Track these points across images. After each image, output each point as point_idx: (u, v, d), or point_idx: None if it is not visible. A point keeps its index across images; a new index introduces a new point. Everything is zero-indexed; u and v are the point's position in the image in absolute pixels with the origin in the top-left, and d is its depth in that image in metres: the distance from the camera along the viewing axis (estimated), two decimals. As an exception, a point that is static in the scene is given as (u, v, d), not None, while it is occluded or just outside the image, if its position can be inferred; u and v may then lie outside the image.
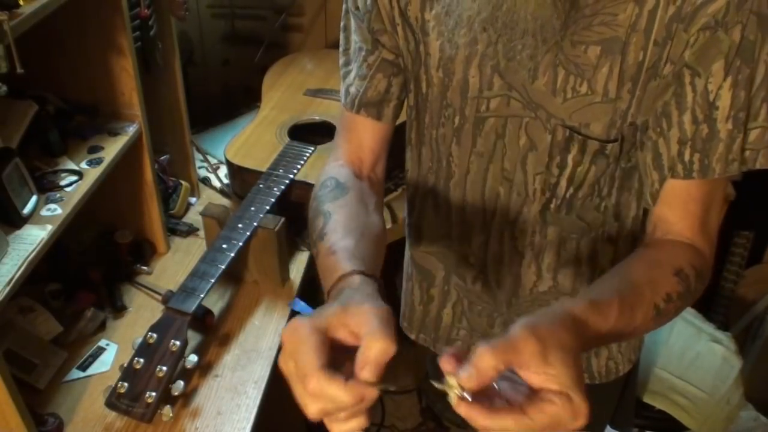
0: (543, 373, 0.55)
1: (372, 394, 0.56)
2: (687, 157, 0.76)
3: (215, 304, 1.27)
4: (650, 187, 0.81)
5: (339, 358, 0.58)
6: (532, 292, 0.99)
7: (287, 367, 0.57)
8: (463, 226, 0.97)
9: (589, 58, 0.75)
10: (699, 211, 0.80)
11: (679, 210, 0.80)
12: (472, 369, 0.55)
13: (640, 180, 0.87)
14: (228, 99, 2.01)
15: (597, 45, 0.75)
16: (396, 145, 1.57)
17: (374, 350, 0.56)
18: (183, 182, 1.48)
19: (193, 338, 1.19)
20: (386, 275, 1.84)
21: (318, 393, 0.55)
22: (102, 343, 1.20)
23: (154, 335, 1.04)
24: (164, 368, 1.00)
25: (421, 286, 1.11)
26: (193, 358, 1.06)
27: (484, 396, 0.58)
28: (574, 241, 0.93)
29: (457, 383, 0.56)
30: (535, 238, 0.93)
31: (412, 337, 1.18)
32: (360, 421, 0.58)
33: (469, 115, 0.86)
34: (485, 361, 0.55)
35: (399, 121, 1.58)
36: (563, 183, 0.87)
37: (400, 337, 0.94)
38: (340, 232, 0.76)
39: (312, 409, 0.56)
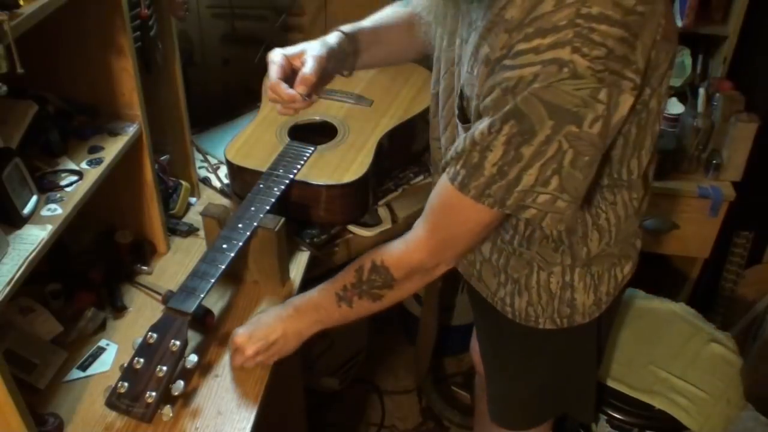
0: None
1: (299, 100, 1.04)
2: (456, 168, 0.89)
3: (215, 304, 1.27)
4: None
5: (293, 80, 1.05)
6: None
7: (267, 81, 1.06)
8: (440, 127, 1.12)
9: (481, 53, 0.87)
10: (442, 212, 0.96)
11: (431, 202, 0.97)
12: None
13: None
14: (228, 99, 2.01)
15: (487, 47, 0.85)
16: (396, 147, 1.57)
17: (305, 74, 1.04)
18: (183, 182, 1.48)
19: (193, 338, 1.19)
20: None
21: (274, 89, 1.04)
22: (102, 343, 1.20)
23: (154, 335, 1.04)
24: (164, 368, 1.00)
25: None
26: (193, 358, 1.06)
27: None
28: None
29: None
30: None
31: None
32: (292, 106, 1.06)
33: (454, 39, 1.00)
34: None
35: (412, 114, 1.58)
36: (461, 131, 0.99)
37: (398, 339, 1.01)
38: (371, 18, 1.20)
39: (270, 96, 1.06)
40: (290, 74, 1.06)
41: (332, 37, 1.13)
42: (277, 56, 1.06)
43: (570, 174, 0.84)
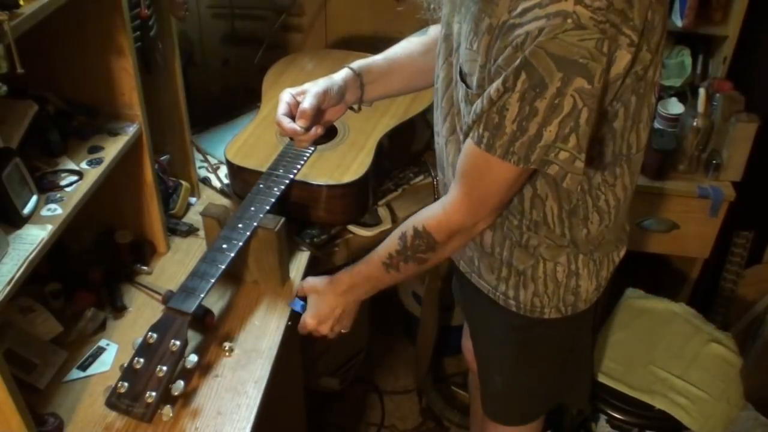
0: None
1: (301, 132, 1.15)
2: (480, 131, 0.93)
3: (215, 304, 1.27)
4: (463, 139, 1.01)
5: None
6: None
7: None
8: (437, 124, 1.17)
9: (482, 26, 0.92)
10: (473, 173, 0.99)
11: (461, 165, 1.00)
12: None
13: None
14: (228, 99, 2.01)
15: (488, 18, 0.91)
16: (396, 147, 1.57)
17: (302, 108, 1.14)
18: (183, 182, 1.48)
19: (193, 338, 1.19)
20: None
21: (278, 122, 1.15)
22: (102, 343, 1.20)
23: (154, 335, 1.04)
24: (164, 368, 1.00)
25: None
26: (193, 358, 1.06)
27: None
28: None
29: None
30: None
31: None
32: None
33: (452, 29, 1.05)
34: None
35: (412, 114, 1.59)
36: (462, 110, 1.03)
37: (398, 339, 1.04)
38: (385, 51, 1.26)
39: (279, 131, 1.20)
40: (296, 110, 1.18)
41: (339, 73, 1.22)
42: (285, 95, 1.18)
43: (584, 132, 0.88)
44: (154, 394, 0.99)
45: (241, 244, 1.18)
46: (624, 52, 0.84)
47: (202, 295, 1.10)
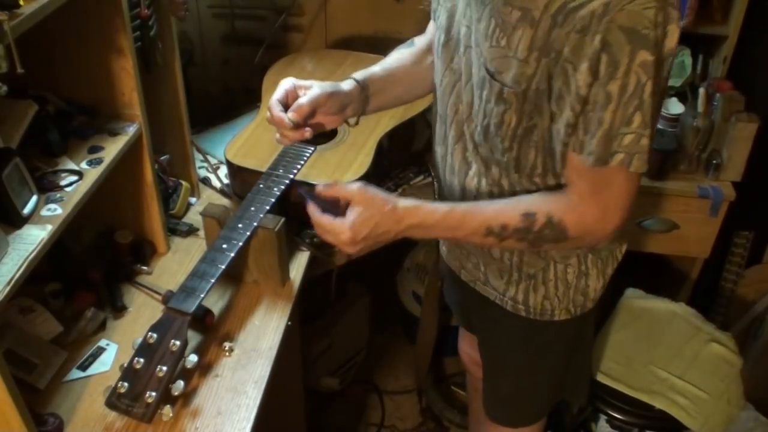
0: (348, 206, 1.00)
1: (287, 126, 1.07)
2: (579, 136, 0.91)
3: (215, 304, 1.27)
4: (559, 151, 0.97)
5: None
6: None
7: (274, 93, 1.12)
8: (438, 134, 1.17)
9: (511, 19, 0.91)
10: (586, 183, 0.96)
11: (574, 177, 0.97)
12: (327, 186, 1.02)
13: (541, 134, 0.99)
14: (228, 99, 2.01)
15: (519, 11, 0.90)
16: (396, 146, 1.57)
17: (300, 102, 1.08)
18: (183, 182, 1.48)
19: (193, 338, 1.19)
20: (389, 270, 1.85)
21: (269, 107, 1.10)
22: (102, 343, 1.20)
23: (154, 335, 1.04)
24: (164, 368, 1.00)
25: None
26: (193, 358, 1.06)
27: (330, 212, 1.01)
28: (497, 170, 1.07)
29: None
30: (475, 154, 1.09)
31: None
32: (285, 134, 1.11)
33: (452, 34, 1.05)
34: (330, 187, 1.02)
35: (412, 114, 1.58)
36: (481, 113, 1.02)
37: (398, 339, 1.03)
38: (380, 63, 1.23)
39: (267, 117, 1.11)
40: (293, 101, 1.12)
41: (345, 83, 1.17)
42: (287, 82, 1.12)
43: (649, 106, 0.87)
44: (154, 394, 0.99)
45: (241, 244, 1.18)
46: (674, 27, 0.85)
47: (202, 295, 1.10)
